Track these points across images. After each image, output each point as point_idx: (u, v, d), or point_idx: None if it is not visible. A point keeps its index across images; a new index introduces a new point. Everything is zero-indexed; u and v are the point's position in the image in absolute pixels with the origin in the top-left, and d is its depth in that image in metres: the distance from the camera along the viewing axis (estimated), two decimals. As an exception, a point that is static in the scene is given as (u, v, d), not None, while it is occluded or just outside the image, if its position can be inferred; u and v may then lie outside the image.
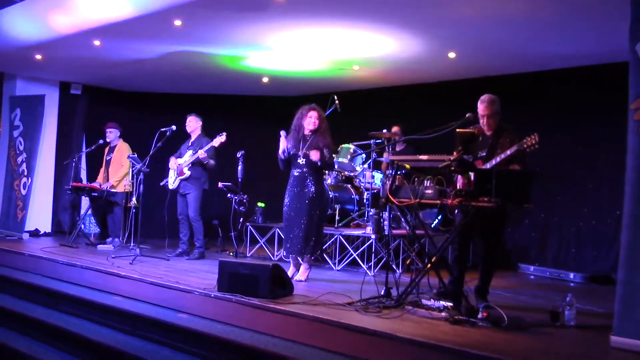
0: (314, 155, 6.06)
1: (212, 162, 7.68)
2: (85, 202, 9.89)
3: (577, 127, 7.68)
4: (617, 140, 7.16)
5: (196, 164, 7.64)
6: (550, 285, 6.91)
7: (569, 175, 7.67)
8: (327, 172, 7.94)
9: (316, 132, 6.23)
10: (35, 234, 9.76)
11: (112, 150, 9.02)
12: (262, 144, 8.82)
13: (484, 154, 5.04)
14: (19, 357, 5.28)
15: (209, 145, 7.58)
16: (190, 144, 7.87)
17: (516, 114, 7.03)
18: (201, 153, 7.52)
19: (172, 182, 7.83)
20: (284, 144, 6.28)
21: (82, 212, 9.81)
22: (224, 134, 7.55)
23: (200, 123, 7.93)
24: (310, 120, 6.22)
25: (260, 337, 4.54)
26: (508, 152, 4.81)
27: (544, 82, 7.97)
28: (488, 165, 4.87)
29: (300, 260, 6.28)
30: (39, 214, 10.06)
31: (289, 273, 6.04)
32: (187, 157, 7.71)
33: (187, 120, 7.92)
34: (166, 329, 4.96)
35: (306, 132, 6.26)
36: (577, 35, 6.47)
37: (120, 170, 8.82)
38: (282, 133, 6.31)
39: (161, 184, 8.01)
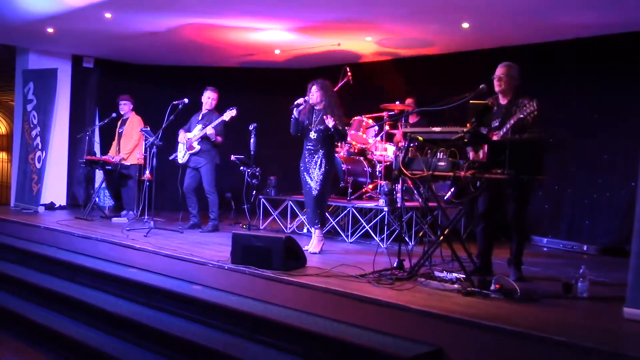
0: (330, 121, 6.08)
1: (219, 138, 7.65)
2: (99, 175, 9.97)
3: (593, 97, 7.57)
4: (634, 110, 7.16)
5: (205, 138, 7.63)
6: (563, 257, 6.90)
7: (583, 145, 7.59)
8: (339, 144, 7.92)
9: (324, 106, 6.22)
10: (50, 207, 9.86)
11: (124, 122, 9.03)
12: (275, 116, 8.81)
13: (497, 123, 5.01)
14: (36, 327, 5.37)
15: (219, 120, 7.54)
16: (200, 118, 7.84)
17: (531, 84, 6.95)
18: (209, 130, 7.51)
19: (181, 156, 7.83)
20: (300, 101, 6.30)
21: (97, 185, 9.89)
22: (235, 108, 7.51)
23: (216, 97, 7.86)
24: (310, 94, 6.24)
25: (273, 309, 4.58)
26: (512, 121, 4.77)
27: (559, 52, 7.85)
28: (495, 137, 4.83)
29: (311, 229, 6.36)
30: (54, 187, 10.15)
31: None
32: (197, 131, 7.69)
33: (207, 94, 7.80)
34: (180, 300, 5.02)
35: (316, 106, 6.27)
36: (597, 2, 6.34)
37: (130, 142, 8.84)
38: (300, 100, 6.31)
39: (170, 157, 8.02)
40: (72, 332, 5.10)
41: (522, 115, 4.67)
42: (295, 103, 6.31)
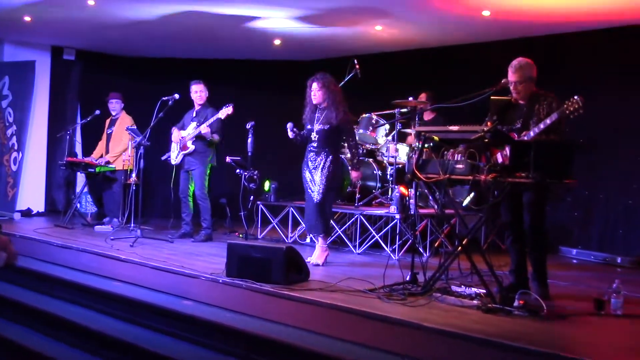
0: (354, 175, 6.53)
1: (216, 137, 7.67)
2: (81, 178, 9.98)
3: (625, 92, 7.55)
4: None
5: (200, 137, 7.64)
6: (594, 270, 6.88)
7: (615, 146, 7.57)
8: (345, 144, 7.92)
9: (327, 105, 6.23)
10: (27, 213, 9.87)
11: (113, 123, 9.06)
12: (275, 114, 8.81)
13: (519, 125, 4.98)
14: (11, 346, 5.36)
15: (214, 118, 7.56)
16: (194, 115, 7.86)
17: (556, 77, 6.95)
18: (204, 128, 7.53)
19: (174, 156, 7.85)
20: (291, 134, 6.40)
21: (78, 189, 9.90)
22: (231, 105, 7.52)
23: (205, 89, 7.88)
24: (312, 93, 6.25)
25: (272, 327, 4.57)
26: (548, 122, 4.72)
27: (587, 42, 7.84)
28: (525, 138, 4.80)
29: (314, 238, 6.36)
30: (31, 191, 10.16)
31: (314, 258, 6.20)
32: (191, 129, 7.72)
33: (193, 89, 7.87)
34: (170, 317, 5.01)
35: (319, 105, 6.29)
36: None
37: (119, 145, 8.86)
38: (289, 125, 6.40)
39: (163, 158, 8.04)
40: (50, 351, 5.07)
41: (562, 115, 4.61)
42: (288, 129, 6.38)
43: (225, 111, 7.52)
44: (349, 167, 6.78)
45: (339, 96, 6.30)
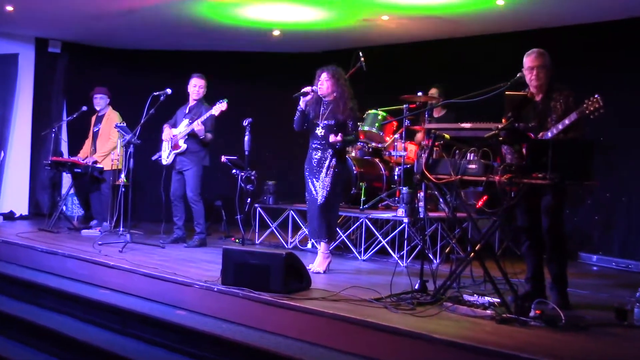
0: (332, 138, 6.09)
1: (209, 135, 7.66)
2: (67, 179, 9.98)
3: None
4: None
5: (193, 134, 7.64)
6: (616, 278, 6.87)
7: (638, 145, 7.56)
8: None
9: (334, 98, 6.22)
10: (9, 216, 9.88)
11: (99, 120, 9.07)
12: (273, 110, 8.82)
13: (535, 123, 4.97)
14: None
15: (207, 114, 7.54)
16: (187, 111, 7.86)
17: (573, 71, 6.94)
18: (197, 125, 7.51)
19: (165, 156, 7.85)
20: (308, 90, 6.28)
21: (64, 191, 9.91)
22: (225, 101, 7.51)
23: (204, 85, 7.87)
24: (320, 83, 6.25)
25: (271, 338, 4.57)
26: (567, 122, 4.72)
27: (606, 34, 7.83)
28: (544, 138, 4.79)
29: (317, 244, 6.36)
30: (14, 193, 10.19)
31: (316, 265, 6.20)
32: (183, 127, 7.72)
33: (193, 82, 7.84)
34: (161, 328, 5.02)
35: (325, 98, 6.28)
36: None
37: (107, 143, 8.86)
38: (308, 89, 6.29)
39: (153, 158, 8.04)
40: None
41: (582, 115, 4.60)
42: (302, 91, 6.30)
43: (219, 107, 7.51)
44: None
45: (348, 92, 6.29)
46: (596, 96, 4.57)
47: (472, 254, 4.94)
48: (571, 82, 5.16)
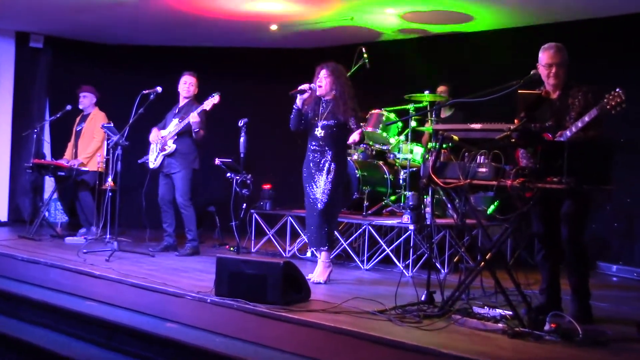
0: (352, 138, 6.21)
1: (202, 132, 7.66)
2: (49, 183, 9.99)
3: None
4: None
5: (184, 134, 7.64)
6: (637, 289, 6.88)
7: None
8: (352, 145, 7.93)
9: (334, 96, 6.24)
10: (-12, 223, 9.91)
11: (84, 119, 9.07)
12: (271, 109, 8.83)
13: (552, 122, 4.96)
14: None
15: (199, 109, 7.55)
16: (177, 111, 7.87)
17: (591, 67, 6.95)
18: (193, 117, 7.49)
19: (153, 159, 7.85)
20: (305, 87, 6.30)
21: (46, 196, 9.91)
22: (217, 94, 7.53)
23: (195, 83, 7.88)
24: (318, 81, 6.27)
25: (267, 353, 4.58)
26: (586, 119, 4.69)
27: (628, 27, 7.84)
28: (562, 138, 4.77)
29: (316, 252, 6.37)
30: (-7, 198, 10.20)
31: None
32: (172, 126, 7.72)
33: (183, 79, 7.87)
34: (150, 342, 5.01)
35: (325, 97, 6.30)
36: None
37: (91, 143, 8.86)
38: (306, 86, 6.32)
39: (139, 161, 8.04)
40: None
41: (603, 111, 4.58)
42: (299, 89, 6.32)
43: (211, 101, 7.52)
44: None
45: (349, 91, 6.30)
46: (617, 90, 4.54)
47: (483, 263, 4.94)
48: (587, 78, 5.15)
